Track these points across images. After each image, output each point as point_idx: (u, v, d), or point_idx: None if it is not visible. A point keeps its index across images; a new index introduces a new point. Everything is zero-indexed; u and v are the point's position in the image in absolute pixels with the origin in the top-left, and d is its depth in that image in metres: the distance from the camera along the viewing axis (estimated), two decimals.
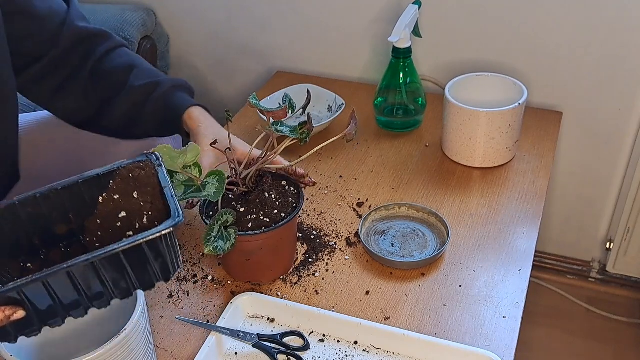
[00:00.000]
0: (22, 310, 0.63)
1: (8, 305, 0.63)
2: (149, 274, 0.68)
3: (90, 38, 1.01)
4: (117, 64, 1.02)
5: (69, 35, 0.99)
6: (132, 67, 1.02)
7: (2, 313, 0.63)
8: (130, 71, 1.02)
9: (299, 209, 0.87)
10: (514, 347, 0.82)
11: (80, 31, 1.00)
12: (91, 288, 0.66)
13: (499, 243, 0.98)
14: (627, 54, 1.25)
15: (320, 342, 0.83)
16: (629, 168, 1.37)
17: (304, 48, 1.50)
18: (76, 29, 0.99)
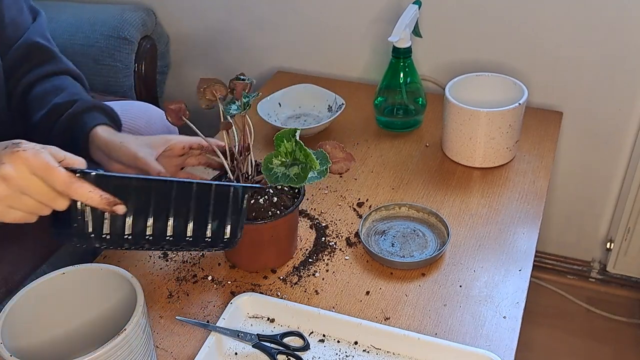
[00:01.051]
0: (123, 206, 0.68)
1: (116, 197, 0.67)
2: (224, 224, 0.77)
3: (37, 56, 0.99)
4: (47, 87, 0.99)
5: (21, 48, 0.97)
6: (60, 90, 0.98)
7: (111, 197, 0.67)
8: (56, 94, 0.98)
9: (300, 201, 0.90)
10: (514, 347, 0.82)
11: (31, 46, 0.98)
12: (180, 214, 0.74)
13: (499, 243, 0.98)
14: (627, 54, 1.25)
15: (320, 342, 0.83)
16: (629, 168, 1.37)
17: (304, 48, 1.50)
18: (29, 43, 0.98)
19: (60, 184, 0.65)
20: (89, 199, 0.66)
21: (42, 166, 0.64)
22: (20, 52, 0.98)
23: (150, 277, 0.94)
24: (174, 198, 0.73)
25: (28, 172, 0.64)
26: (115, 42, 1.42)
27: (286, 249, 0.95)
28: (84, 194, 0.66)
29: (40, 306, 0.73)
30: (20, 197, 0.65)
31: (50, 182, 0.65)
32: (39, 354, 0.73)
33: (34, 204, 0.66)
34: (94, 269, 0.75)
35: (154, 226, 0.72)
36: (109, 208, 0.67)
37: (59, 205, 0.67)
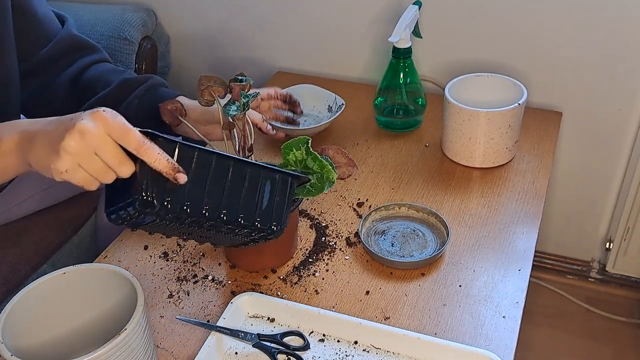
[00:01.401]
0: (185, 176, 0.69)
1: None
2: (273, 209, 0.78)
3: (82, 48, 1.04)
4: (102, 70, 1.04)
5: (64, 39, 1.01)
6: (119, 72, 1.05)
7: (176, 163, 0.68)
8: (119, 73, 1.04)
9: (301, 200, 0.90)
10: (513, 347, 0.82)
11: (75, 39, 1.03)
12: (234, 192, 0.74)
13: (498, 243, 0.98)
14: (626, 54, 1.25)
15: (320, 341, 0.83)
16: (628, 168, 1.37)
17: (304, 48, 1.50)
18: (72, 36, 1.03)
19: (134, 142, 0.67)
20: (157, 160, 0.67)
21: (119, 126, 0.67)
22: (63, 44, 1.02)
23: (151, 277, 0.94)
24: (231, 175, 0.74)
25: (104, 131, 0.66)
26: (115, 43, 1.42)
27: (286, 249, 0.95)
28: (153, 154, 0.67)
29: (41, 306, 0.73)
30: (91, 156, 0.67)
31: (125, 142, 0.67)
32: (39, 353, 0.73)
33: (101, 166, 0.67)
34: (94, 269, 0.75)
35: (210, 199, 0.73)
36: (172, 174, 0.68)
37: (125, 171, 0.68)
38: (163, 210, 0.70)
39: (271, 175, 0.78)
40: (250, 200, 0.76)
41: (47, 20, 1.00)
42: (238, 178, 0.75)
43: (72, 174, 0.67)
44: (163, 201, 0.69)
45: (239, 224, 0.76)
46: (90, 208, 1.22)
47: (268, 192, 0.78)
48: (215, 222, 0.74)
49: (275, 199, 0.78)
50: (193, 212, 0.71)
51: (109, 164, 0.67)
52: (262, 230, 0.78)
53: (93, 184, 0.69)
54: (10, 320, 0.69)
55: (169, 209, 0.70)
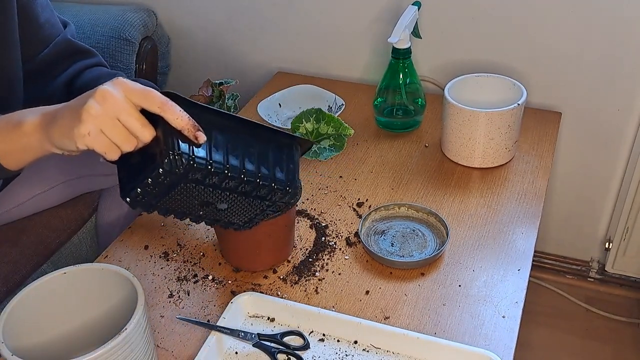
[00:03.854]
0: (204, 136, 0.70)
1: None
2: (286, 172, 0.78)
3: (79, 53, 1.05)
4: (95, 74, 1.05)
5: (61, 44, 1.02)
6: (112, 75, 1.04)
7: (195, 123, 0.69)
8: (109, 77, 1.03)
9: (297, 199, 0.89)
10: (513, 346, 0.82)
11: (72, 44, 1.04)
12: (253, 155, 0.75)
13: (498, 243, 0.98)
14: (626, 54, 1.25)
15: (320, 341, 0.84)
16: (628, 168, 1.37)
17: (304, 48, 1.50)
18: (69, 41, 1.04)
19: (157, 101, 0.68)
20: (180, 117, 0.68)
21: (140, 89, 0.68)
22: (59, 48, 1.03)
23: (151, 277, 0.94)
24: (246, 137, 0.76)
25: (125, 95, 0.68)
26: (116, 43, 1.42)
27: (283, 247, 0.95)
28: (176, 112, 0.68)
29: (41, 306, 0.74)
30: (113, 121, 0.68)
31: (148, 102, 0.68)
32: (39, 353, 0.73)
33: (123, 132, 0.68)
34: (94, 269, 0.76)
35: (230, 159, 0.74)
36: (193, 131, 0.69)
37: (146, 135, 0.69)
38: (189, 170, 0.70)
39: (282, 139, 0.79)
40: (265, 162, 0.77)
41: (48, 26, 1.01)
42: (252, 140, 0.76)
43: (94, 138, 0.68)
44: (189, 159, 0.70)
45: (257, 184, 0.76)
46: (90, 208, 1.22)
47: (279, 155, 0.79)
48: (236, 181, 0.75)
49: (288, 164, 0.79)
50: (217, 170, 0.72)
51: (131, 128, 0.68)
52: (280, 191, 0.78)
53: (114, 151, 0.70)
54: (10, 320, 0.69)
55: (194, 167, 0.70)
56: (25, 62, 1.00)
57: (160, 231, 1.03)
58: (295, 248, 0.98)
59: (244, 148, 0.75)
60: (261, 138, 0.77)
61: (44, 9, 1.01)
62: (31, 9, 0.98)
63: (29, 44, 0.99)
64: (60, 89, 1.03)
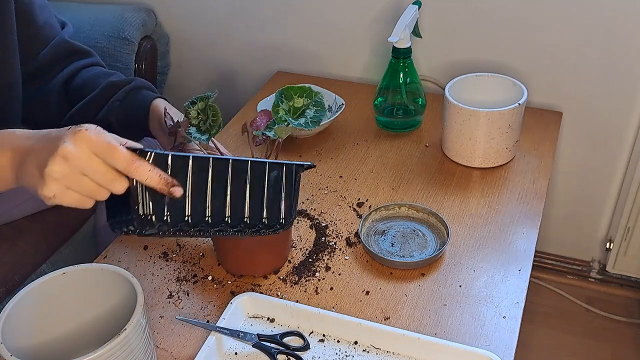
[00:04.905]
0: (181, 189, 0.67)
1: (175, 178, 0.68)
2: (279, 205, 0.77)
3: (76, 53, 1.05)
4: (92, 74, 1.05)
5: (58, 45, 1.02)
6: (111, 74, 1.05)
7: (170, 178, 0.67)
8: (108, 76, 1.04)
9: None
10: (513, 347, 0.82)
11: (69, 45, 1.04)
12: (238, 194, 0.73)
13: (498, 243, 0.98)
14: (626, 53, 1.25)
15: (320, 342, 0.83)
16: (628, 168, 1.37)
17: (304, 48, 1.50)
18: (66, 42, 1.04)
19: (121, 162, 0.64)
20: (149, 178, 0.66)
21: (104, 145, 0.64)
22: (56, 49, 1.02)
23: (151, 277, 0.94)
24: (231, 177, 0.73)
25: (89, 151, 0.64)
26: (115, 43, 1.42)
27: (282, 251, 0.94)
28: (144, 172, 0.65)
29: (41, 306, 0.73)
30: (79, 177, 0.64)
31: (112, 161, 0.65)
32: (39, 354, 0.73)
33: (92, 185, 0.65)
34: (94, 269, 0.75)
35: (212, 206, 0.72)
36: (166, 189, 0.67)
37: (117, 188, 0.66)
38: (164, 226, 0.68)
39: (274, 168, 0.77)
40: (255, 198, 0.75)
41: (47, 27, 1.02)
42: (239, 178, 0.74)
43: (61, 198, 0.65)
44: (162, 217, 0.67)
45: (245, 224, 0.75)
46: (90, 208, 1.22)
47: (272, 186, 0.77)
48: (220, 227, 0.73)
49: (282, 192, 0.78)
50: (196, 223, 0.70)
51: (100, 183, 0.65)
52: (270, 227, 0.78)
53: (87, 202, 0.67)
54: (10, 320, 0.69)
55: (170, 223, 0.68)
56: (24, 64, 1.00)
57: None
58: (295, 248, 0.98)
59: (232, 189, 0.73)
60: (256, 173, 0.75)
61: (43, 10, 1.01)
62: (30, 11, 0.98)
63: (28, 45, 0.99)
64: (57, 90, 1.04)
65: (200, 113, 0.85)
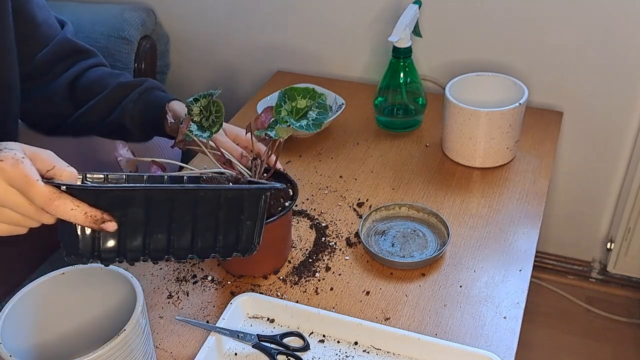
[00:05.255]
0: (115, 223, 0.62)
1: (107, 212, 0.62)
2: (236, 234, 0.70)
3: (79, 53, 1.04)
4: (99, 74, 1.04)
5: (60, 43, 1.01)
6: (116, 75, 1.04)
7: (100, 213, 0.61)
8: (115, 77, 1.03)
9: (293, 203, 0.88)
10: (514, 347, 0.82)
11: (72, 44, 1.03)
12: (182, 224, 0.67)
13: (499, 243, 0.98)
14: (627, 53, 1.25)
15: (320, 342, 0.83)
16: (629, 168, 1.37)
17: (304, 48, 1.50)
18: (69, 41, 1.03)
19: (39, 200, 0.59)
20: (72, 217, 0.60)
21: (20, 178, 0.59)
22: (59, 48, 1.01)
23: (150, 277, 0.94)
24: (178, 206, 0.67)
25: (5, 183, 0.59)
26: (115, 42, 1.42)
27: (280, 252, 0.94)
28: (66, 212, 0.60)
29: (40, 307, 0.73)
30: (1, 209, 0.61)
31: (29, 198, 0.60)
32: (38, 354, 0.73)
33: (17, 217, 0.61)
34: (94, 269, 0.75)
35: (156, 239, 0.67)
36: (96, 226, 0.61)
37: (46, 220, 0.62)
38: (104, 261, 0.65)
39: (231, 195, 0.69)
40: (208, 227, 0.69)
41: (46, 25, 1.01)
42: (188, 208, 0.67)
43: None
44: (94, 252, 0.63)
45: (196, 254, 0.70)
46: None
47: (230, 213, 0.69)
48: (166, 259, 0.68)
49: (242, 218, 0.70)
50: (136, 257, 0.66)
51: (24, 214, 0.61)
52: (227, 255, 0.72)
53: (20, 230, 0.63)
54: (9, 321, 0.69)
55: (108, 257, 0.64)
56: (24, 63, 0.99)
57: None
58: (295, 248, 0.98)
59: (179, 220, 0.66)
60: (209, 201, 0.68)
61: (41, 9, 1.00)
62: (27, 10, 0.97)
63: (27, 44, 0.98)
64: (62, 89, 1.03)
65: (203, 110, 0.84)
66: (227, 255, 0.72)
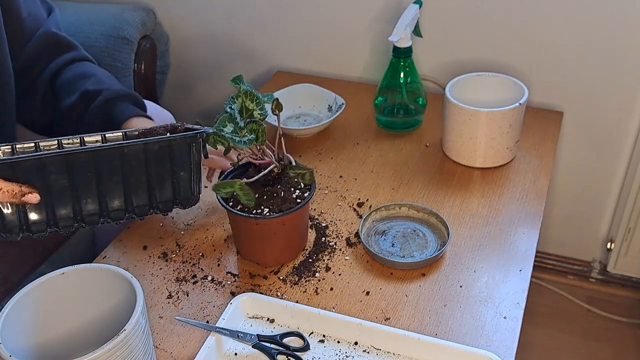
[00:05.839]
0: (37, 194, 0.61)
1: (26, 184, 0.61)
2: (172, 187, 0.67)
3: (58, 45, 1.02)
4: (75, 72, 1.01)
5: (41, 38, 1.00)
6: (89, 76, 1.00)
7: (17, 187, 0.60)
8: (85, 79, 1.00)
9: (311, 195, 0.90)
10: (514, 347, 0.81)
11: (50, 36, 1.01)
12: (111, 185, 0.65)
13: (499, 243, 0.98)
14: (627, 53, 1.25)
15: (320, 342, 0.83)
16: (629, 168, 1.37)
17: (304, 48, 1.50)
18: (49, 35, 1.01)
19: None
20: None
21: None
22: (40, 42, 1.00)
23: (150, 277, 0.94)
24: (103, 167, 0.65)
25: None
26: (114, 42, 1.42)
27: (296, 244, 0.95)
28: None
29: (40, 306, 0.73)
30: None
31: None
32: (39, 354, 0.73)
33: None
34: (93, 269, 0.75)
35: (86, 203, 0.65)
36: (17, 201, 0.60)
37: None
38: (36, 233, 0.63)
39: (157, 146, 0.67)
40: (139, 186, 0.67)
41: (30, 19, 0.99)
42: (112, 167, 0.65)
43: None
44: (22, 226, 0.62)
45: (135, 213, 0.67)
46: None
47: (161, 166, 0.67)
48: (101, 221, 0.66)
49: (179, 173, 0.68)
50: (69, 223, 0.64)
51: None
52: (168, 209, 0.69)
53: None
54: (8, 321, 0.69)
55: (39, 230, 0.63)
56: (13, 59, 0.97)
57: (159, 231, 1.02)
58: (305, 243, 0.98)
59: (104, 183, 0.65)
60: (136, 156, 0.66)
61: (27, 1, 0.98)
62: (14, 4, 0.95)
63: (14, 40, 0.97)
64: (43, 87, 1.01)
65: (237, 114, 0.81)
66: (167, 210, 0.70)
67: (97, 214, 0.67)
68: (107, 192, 0.66)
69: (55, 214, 0.64)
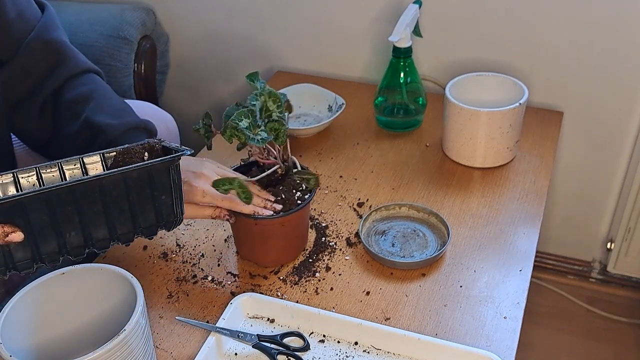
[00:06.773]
0: (20, 232, 0.61)
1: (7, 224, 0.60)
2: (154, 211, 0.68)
3: (59, 53, 0.95)
4: (77, 92, 0.94)
5: (36, 44, 0.92)
6: (90, 99, 0.94)
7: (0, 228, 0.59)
8: (87, 103, 0.93)
9: (312, 197, 0.90)
10: (514, 347, 0.81)
11: (49, 43, 0.94)
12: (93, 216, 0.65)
13: (499, 243, 0.98)
14: (627, 53, 1.25)
15: (320, 342, 0.83)
16: (629, 168, 1.37)
17: (304, 48, 1.49)
18: (45, 40, 0.93)
19: None
20: None
21: None
22: (33, 51, 0.92)
23: (150, 277, 0.94)
24: (83, 200, 0.65)
25: None
26: (114, 42, 1.42)
27: (296, 245, 0.95)
28: None
29: (40, 306, 0.73)
30: None
31: None
32: (39, 354, 0.73)
33: None
34: (94, 269, 0.75)
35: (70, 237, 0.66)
36: (1, 241, 0.60)
37: None
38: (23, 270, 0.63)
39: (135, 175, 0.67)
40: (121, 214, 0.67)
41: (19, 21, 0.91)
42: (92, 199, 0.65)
43: None
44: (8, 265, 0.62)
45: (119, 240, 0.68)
46: None
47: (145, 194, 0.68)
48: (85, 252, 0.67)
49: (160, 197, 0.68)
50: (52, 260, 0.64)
51: None
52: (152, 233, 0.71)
53: None
54: (9, 321, 0.69)
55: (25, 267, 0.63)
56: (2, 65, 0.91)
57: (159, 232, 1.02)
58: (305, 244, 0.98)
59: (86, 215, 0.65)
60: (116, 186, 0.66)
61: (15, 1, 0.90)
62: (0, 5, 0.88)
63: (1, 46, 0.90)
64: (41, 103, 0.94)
65: None
66: (152, 234, 0.71)
67: (82, 246, 0.67)
68: (90, 224, 0.67)
69: (40, 250, 0.65)
